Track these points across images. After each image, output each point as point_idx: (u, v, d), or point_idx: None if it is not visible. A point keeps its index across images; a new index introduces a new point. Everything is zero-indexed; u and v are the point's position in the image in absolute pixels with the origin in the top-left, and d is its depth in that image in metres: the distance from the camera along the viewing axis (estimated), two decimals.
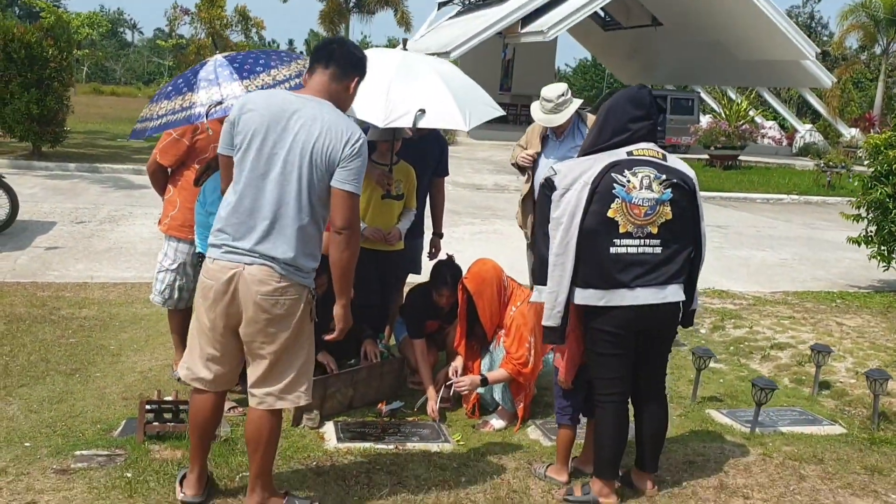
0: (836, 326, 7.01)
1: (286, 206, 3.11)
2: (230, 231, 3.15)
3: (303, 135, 3.09)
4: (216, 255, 3.18)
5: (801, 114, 36.40)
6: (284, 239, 3.11)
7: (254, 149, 3.13)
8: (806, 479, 3.98)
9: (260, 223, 3.11)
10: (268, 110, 3.15)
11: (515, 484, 3.76)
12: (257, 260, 3.11)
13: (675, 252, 3.48)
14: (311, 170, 3.10)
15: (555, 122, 5.12)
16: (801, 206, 16.62)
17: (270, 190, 3.11)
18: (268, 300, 3.11)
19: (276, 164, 3.11)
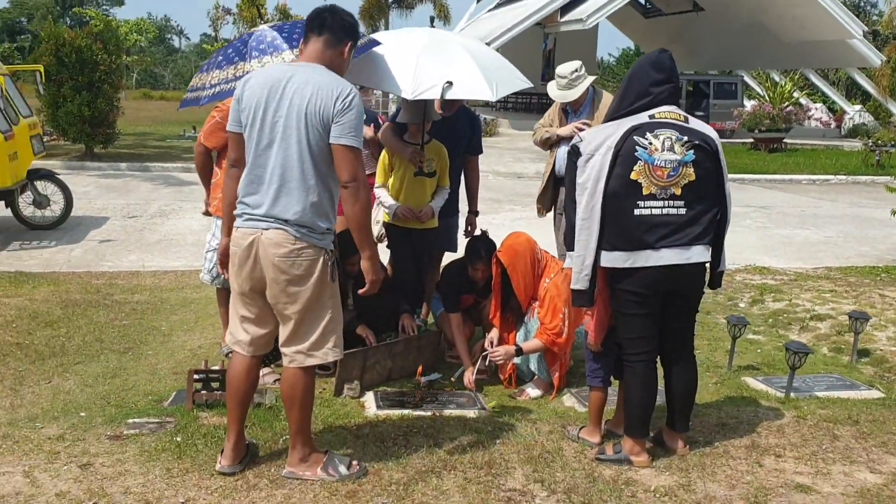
0: (878, 298, 6.95)
1: (291, 170, 3.27)
2: (248, 201, 3.34)
3: (297, 99, 3.25)
4: (238, 224, 3.38)
5: (851, 95, 35.54)
6: (294, 201, 3.27)
7: (258, 121, 3.31)
8: (839, 439, 4.00)
9: (271, 189, 3.29)
10: (266, 82, 3.32)
11: (549, 445, 3.86)
12: (273, 224, 3.28)
13: (700, 213, 3.54)
14: (308, 130, 3.24)
15: (569, 97, 5.24)
16: (848, 187, 16.34)
17: (275, 156, 3.28)
18: (285, 261, 3.28)
19: (277, 131, 3.27)
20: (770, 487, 3.47)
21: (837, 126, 28.60)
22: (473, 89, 4.72)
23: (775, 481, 3.53)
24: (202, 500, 3.24)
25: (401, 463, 3.60)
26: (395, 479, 3.45)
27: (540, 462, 3.66)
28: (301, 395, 3.42)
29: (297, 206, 3.26)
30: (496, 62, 5.05)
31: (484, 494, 3.35)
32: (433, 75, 4.62)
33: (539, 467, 3.61)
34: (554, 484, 3.45)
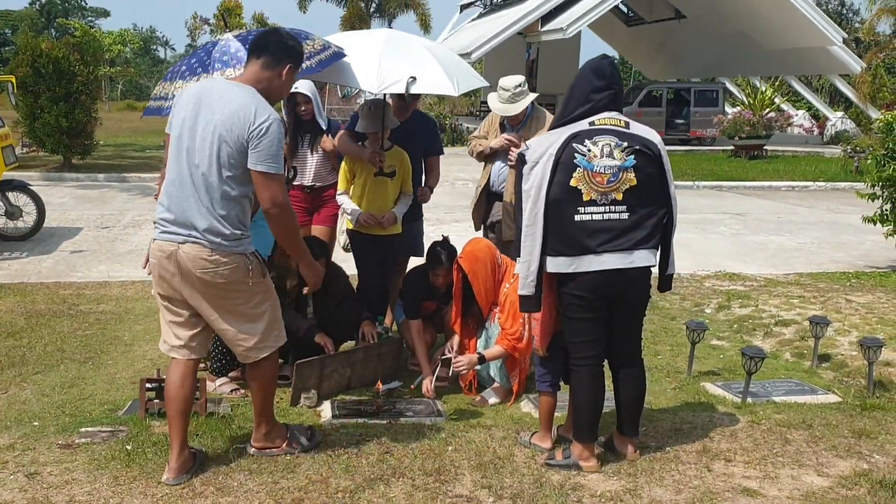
0: (844, 303, 6.99)
1: (200, 184, 3.33)
2: (164, 215, 3.42)
3: (217, 117, 3.31)
4: (156, 235, 3.45)
5: (834, 102, 35.82)
6: (203, 214, 3.33)
7: (178, 132, 3.39)
8: (791, 443, 4.02)
9: (185, 201, 3.35)
10: (194, 96, 3.40)
11: (501, 451, 3.87)
12: (188, 238, 3.35)
13: (643, 217, 3.56)
14: (221, 148, 3.30)
15: (510, 112, 5.24)
16: (826, 193, 16.44)
17: (188, 169, 3.35)
18: (206, 274, 3.35)
19: (194, 145, 3.34)
20: (716, 492, 3.48)
21: (820, 133, 28.79)
22: (437, 84, 4.76)
23: (722, 486, 3.55)
24: None
25: (350, 471, 3.61)
26: (343, 486, 3.45)
27: (490, 468, 3.67)
28: (262, 377, 3.62)
29: (206, 219, 3.33)
30: (455, 61, 5.12)
31: (430, 501, 3.36)
32: (397, 71, 4.67)
33: (488, 473, 3.61)
34: (501, 489, 3.46)
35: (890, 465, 3.81)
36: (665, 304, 7.04)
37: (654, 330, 6.21)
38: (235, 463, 3.65)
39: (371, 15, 36.18)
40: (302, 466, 3.64)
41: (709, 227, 11.66)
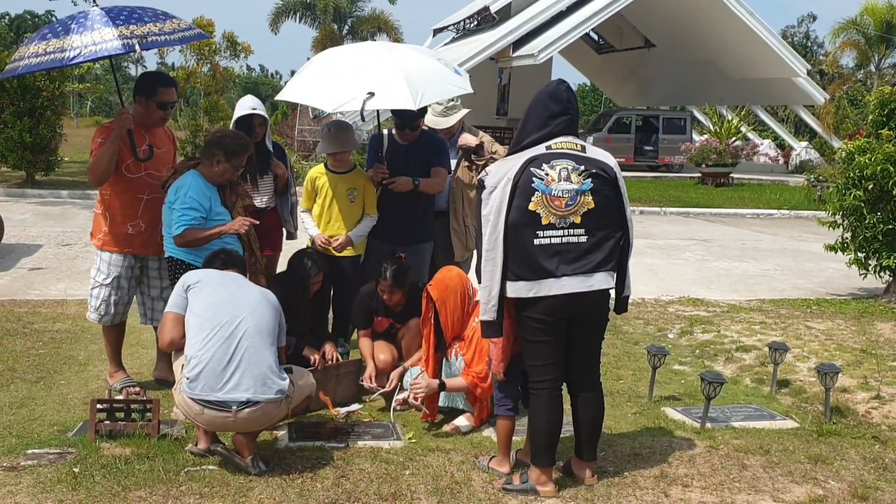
0: (805, 329, 7.05)
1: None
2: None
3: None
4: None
5: (799, 132, 36.50)
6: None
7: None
8: (748, 469, 4.03)
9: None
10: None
11: (458, 476, 3.82)
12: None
13: (601, 240, 3.57)
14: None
15: (441, 125, 5.35)
16: (790, 221, 16.69)
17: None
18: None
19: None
20: None
21: (785, 162, 29.29)
22: (394, 99, 4.71)
23: None
24: None
25: (303, 495, 3.54)
26: None
27: (446, 493, 3.63)
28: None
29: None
30: (430, 69, 4.98)
31: None
32: (354, 87, 4.63)
33: (445, 498, 3.57)
34: None
35: (845, 490, 3.83)
36: (629, 328, 7.06)
37: (616, 354, 6.21)
38: (186, 486, 3.57)
39: (344, 37, 36.27)
40: (255, 490, 3.57)
41: (674, 253, 11.76)
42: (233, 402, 3.62)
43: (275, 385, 3.70)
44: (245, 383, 3.64)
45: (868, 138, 8.91)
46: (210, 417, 3.68)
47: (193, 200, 4.43)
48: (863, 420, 4.98)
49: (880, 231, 8.33)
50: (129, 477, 3.60)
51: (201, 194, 4.47)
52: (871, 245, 8.53)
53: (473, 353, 4.46)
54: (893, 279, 8.68)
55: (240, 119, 5.24)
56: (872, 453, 4.32)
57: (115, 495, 3.44)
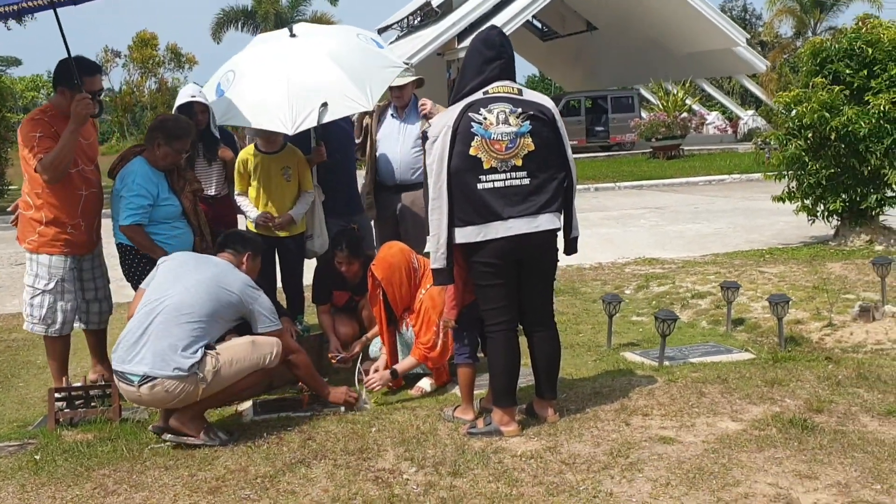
0: (758, 275, 7.20)
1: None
2: None
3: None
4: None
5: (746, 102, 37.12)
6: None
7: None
8: (706, 396, 4.11)
9: None
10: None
11: (424, 427, 3.86)
12: None
13: (545, 182, 3.62)
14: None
15: (398, 82, 5.32)
16: (741, 184, 16.96)
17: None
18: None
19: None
20: (634, 442, 3.54)
21: (734, 131, 29.75)
22: (348, 103, 4.73)
23: (640, 437, 3.60)
24: None
25: (270, 458, 3.55)
26: (262, 472, 3.40)
27: (413, 443, 3.66)
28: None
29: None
30: (362, 57, 5.00)
31: (352, 476, 3.33)
32: (306, 102, 4.61)
33: (411, 447, 3.60)
34: (423, 460, 3.45)
35: (800, 406, 3.93)
36: (587, 289, 7.15)
37: (576, 312, 6.30)
38: (151, 461, 3.56)
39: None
40: (220, 458, 3.57)
41: (629, 222, 11.91)
42: (133, 376, 3.63)
43: (173, 362, 3.60)
44: (147, 358, 3.63)
45: (804, 88, 9.12)
46: (123, 389, 3.75)
47: (140, 187, 4.39)
48: (817, 346, 5.11)
49: (823, 177, 8.53)
50: (91, 458, 3.59)
51: (148, 180, 4.43)
52: (815, 191, 8.73)
53: (421, 323, 4.48)
54: (841, 223, 8.89)
55: (180, 107, 5.19)
56: (826, 372, 4.43)
57: (78, 475, 3.42)
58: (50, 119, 4.41)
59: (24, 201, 4.49)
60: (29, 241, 4.45)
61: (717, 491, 3.02)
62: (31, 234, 4.45)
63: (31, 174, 4.38)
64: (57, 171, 4.31)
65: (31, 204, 4.43)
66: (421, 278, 4.59)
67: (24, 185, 4.50)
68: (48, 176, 4.31)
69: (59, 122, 4.36)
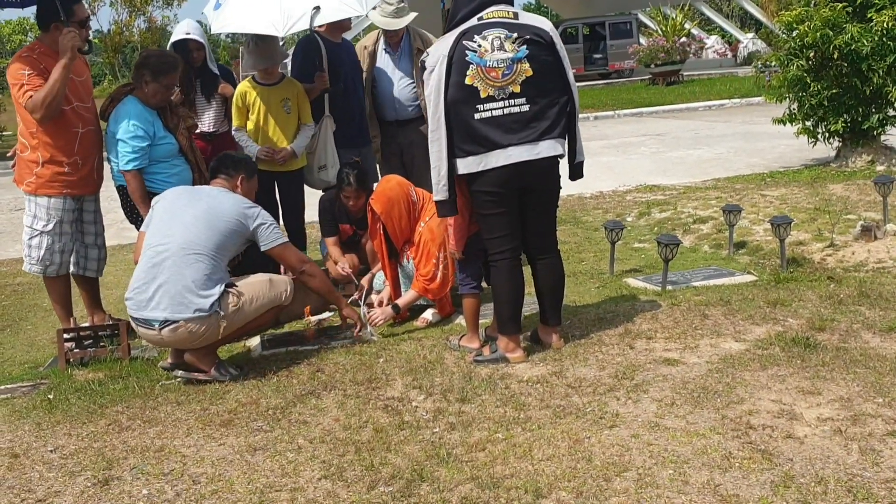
0: (759, 198, 7.19)
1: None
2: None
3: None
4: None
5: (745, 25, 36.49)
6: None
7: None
8: (709, 318, 4.14)
9: None
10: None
11: (431, 357, 3.90)
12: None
13: (545, 107, 3.58)
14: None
15: (394, 26, 5.24)
16: (742, 108, 16.80)
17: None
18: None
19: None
20: (639, 364, 3.58)
21: (733, 55, 29.33)
22: (342, 9, 4.67)
23: (644, 359, 3.64)
24: (72, 446, 3.18)
25: (280, 391, 3.60)
26: (273, 405, 3.44)
27: (420, 371, 3.70)
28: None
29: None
30: None
31: (362, 406, 3.37)
32: (298, 5, 4.56)
33: (419, 376, 3.64)
34: (431, 388, 3.49)
35: (803, 325, 3.96)
36: (588, 218, 7.15)
37: (578, 241, 6.31)
38: (163, 397, 3.61)
39: None
40: (231, 392, 3.62)
41: (630, 150, 11.83)
42: (154, 321, 3.64)
43: (193, 304, 3.62)
44: (164, 303, 3.63)
45: (806, 7, 8.95)
46: (143, 334, 3.76)
47: (137, 128, 4.34)
48: (818, 266, 5.13)
49: (825, 97, 8.43)
50: (104, 395, 3.64)
51: (143, 120, 4.38)
52: (817, 112, 8.64)
53: (420, 256, 4.49)
54: (842, 144, 8.83)
55: (174, 45, 5.13)
56: (828, 292, 4.45)
57: (91, 413, 3.47)
58: (38, 56, 4.33)
59: (21, 143, 4.45)
60: (27, 183, 4.42)
61: (721, 409, 3.07)
62: (28, 175, 4.41)
63: (25, 115, 4.33)
64: (49, 108, 4.24)
65: (27, 145, 4.39)
66: (420, 211, 4.58)
67: (20, 127, 4.46)
68: (40, 114, 4.25)
69: (49, 59, 4.28)
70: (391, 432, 3.09)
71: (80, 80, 4.52)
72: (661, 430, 2.93)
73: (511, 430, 3.02)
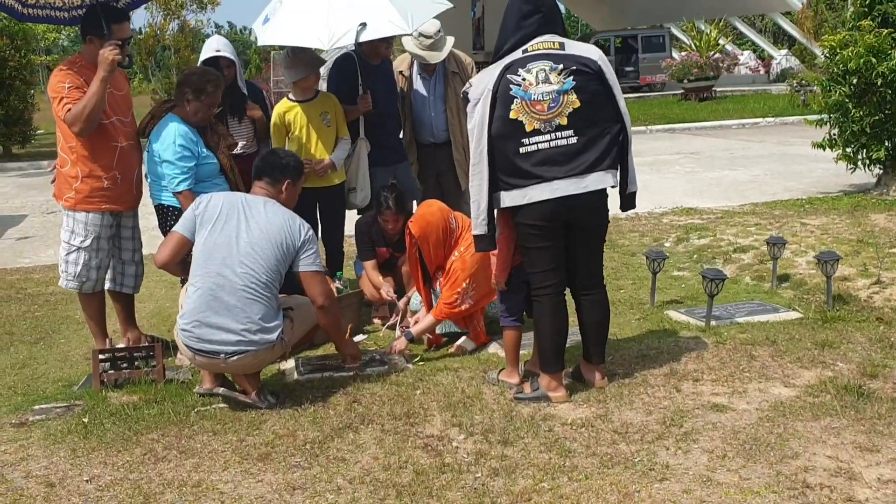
0: (800, 226, 7.04)
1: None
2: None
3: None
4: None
5: (779, 41, 36.14)
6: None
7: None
8: (756, 359, 4.03)
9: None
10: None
11: (469, 391, 3.82)
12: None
13: (594, 139, 3.49)
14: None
15: (435, 59, 5.20)
16: (776, 128, 16.58)
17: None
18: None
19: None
20: (686, 410, 3.48)
21: (766, 71, 29.04)
22: (388, 26, 4.63)
23: (692, 404, 3.54)
24: (108, 476, 3.13)
25: (317, 422, 3.53)
26: (311, 437, 3.38)
27: (459, 407, 3.62)
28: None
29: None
30: None
31: (401, 443, 3.30)
32: (345, 20, 4.54)
33: (458, 412, 3.56)
34: (472, 426, 3.41)
35: (853, 370, 3.84)
36: (625, 241, 7.03)
37: (615, 266, 6.19)
38: (198, 425, 3.55)
39: None
40: (268, 423, 3.55)
41: (664, 168, 11.69)
42: (220, 352, 3.60)
43: (259, 335, 3.60)
44: (229, 337, 3.58)
45: (850, 31, 8.79)
46: (203, 362, 3.70)
47: (184, 148, 4.28)
48: (865, 305, 4.98)
49: (867, 124, 8.25)
50: (139, 422, 3.59)
51: (187, 139, 4.32)
52: (858, 139, 8.47)
53: (447, 282, 4.42)
54: (884, 171, 8.65)
55: (205, 62, 5.05)
56: (878, 334, 4.33)
57: (127, 440, 3.42)
58: (78, 70, 4.31)
59: (61, 157, 4.42)
60: (66, 199, 4.39)
61: (775, 464, 2.96)
62: (67, 190, 4.38)
63: (64, 129, 4.31)
64: (87, 121, 4.20)
65: (67, 159, 4.37)
66: (458, 239, 4.49)
67: (59, 141, 4.43)
68: (78, 127, 4.21)
69: (89, 73, 4.25)
70: (432, 475, 3.01)
71: (120, 94, 4.50)
72: (713, 486, 2.83)
73: (557, 479, 2.93)
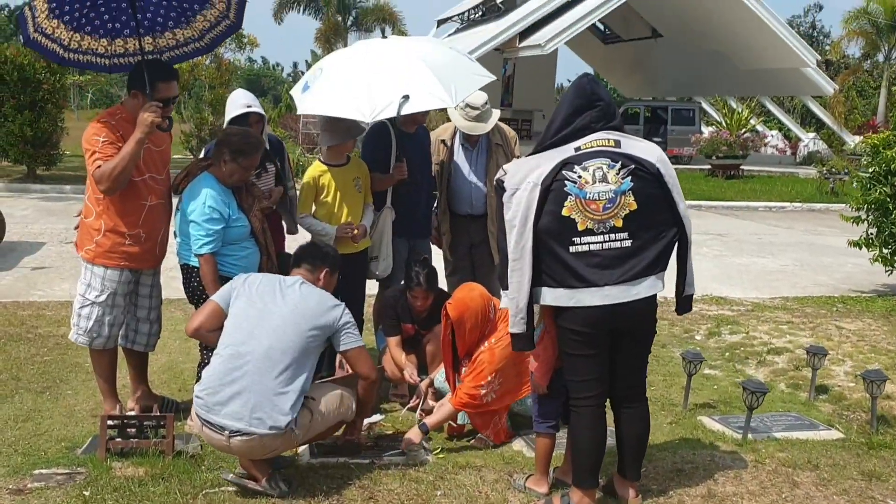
0: (835, 330, 6.82)
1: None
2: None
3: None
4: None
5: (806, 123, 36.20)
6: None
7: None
8: (799, 486, 3.80)
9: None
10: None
11: (493, 496, 3.59)
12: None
13: (648, 242, 3.31)
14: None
15: (480, 130, 5.11)
16: (803, 214, 16.42)
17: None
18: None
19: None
20: None
21: (793, 153, 28.99)
22: (430, 100, 4.54)
23: None
24: None
25: None
26: None
27: None
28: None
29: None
30: (452, 62, 4.84)
31: None
32: (387, 92, 4.45)
33: None
34: None
35: None
36: None
37: None
38: None
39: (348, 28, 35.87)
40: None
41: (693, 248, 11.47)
42: (225, 428, 3.42)
43: (270, 419, 3.41)
44: (239, 412, 3.41)
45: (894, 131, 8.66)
46: (208, 436, 3.52)
47: (213, 210, 4.13)
48: None
49: None
50: (143, 500, 3.38)
51: (219, 201, 4.17)
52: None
53: (471, 372, 4.19)
54: None
55: (235, 118, 4.89)
56: None
57: None
58: (117, 122, 4.17)
59: (87, 206, 4.29)
60: (86, 251, 4.25)
61: None
62: (88, 242, 4.24)
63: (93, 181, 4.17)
64: (115, 182, 4.06)
65: (93, 210, 4.23)
66: (493, 329, 4.27)
67: (87, 190, 4.30)
68: (105, 186, 4.07)
69: (128, 127, 4.12)
70: None
71: (158, 150, 4.36)
72: None
73: None
